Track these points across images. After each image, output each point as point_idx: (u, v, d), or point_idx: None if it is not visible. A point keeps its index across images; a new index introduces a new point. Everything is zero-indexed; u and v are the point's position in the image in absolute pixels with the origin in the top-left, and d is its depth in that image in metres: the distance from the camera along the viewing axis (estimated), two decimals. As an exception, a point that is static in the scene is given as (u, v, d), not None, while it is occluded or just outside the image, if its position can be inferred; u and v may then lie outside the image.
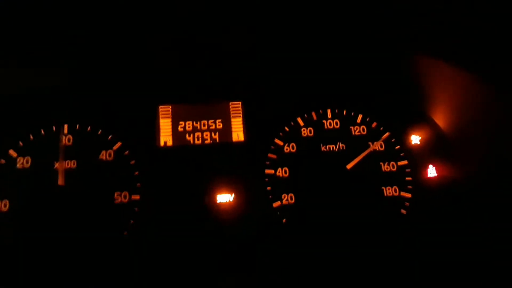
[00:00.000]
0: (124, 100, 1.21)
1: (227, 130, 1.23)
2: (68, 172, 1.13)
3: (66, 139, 1.17)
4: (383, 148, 1.23)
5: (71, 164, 1.14)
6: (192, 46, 1.17)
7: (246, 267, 1.10)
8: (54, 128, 1.18)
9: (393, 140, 1.25)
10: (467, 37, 1.06)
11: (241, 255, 1.11)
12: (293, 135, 1.23)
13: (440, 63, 1.12)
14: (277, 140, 1.22)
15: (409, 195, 1.19)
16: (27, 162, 1.14)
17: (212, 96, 1.26)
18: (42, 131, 1.17)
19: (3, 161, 1.14)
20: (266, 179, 1.18)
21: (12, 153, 1.15)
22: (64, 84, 1.19)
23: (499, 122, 1.03)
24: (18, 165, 1.14)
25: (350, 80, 1.27)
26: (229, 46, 1.18)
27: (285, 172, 1.19)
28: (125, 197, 1.13)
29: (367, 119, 1.26)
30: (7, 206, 1.10)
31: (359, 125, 1.25)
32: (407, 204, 1.18)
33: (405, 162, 1.22)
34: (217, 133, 1.23)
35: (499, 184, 1.09)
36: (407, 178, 1.21)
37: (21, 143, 1.16)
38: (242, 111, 1.25)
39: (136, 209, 1.12)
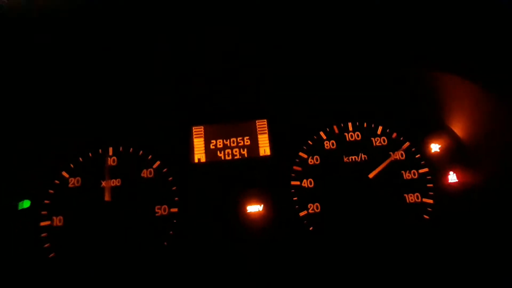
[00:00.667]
0: (161, 123, 1.35)
1: (254, 146, 1.34)
2: (113, 189, 1.26)
3: (111, 160, 1.31)
4: (404, 157, 1.30)
5: (116, 182, 1.28)
6: (218, 73, 1.30)
7: (274, 273, 1.18)
8: (100, 150, 1.32)
9: (413, 149, 1.32)
10: (481, 53, 1.14)
11: (271, 261, 1.19)
12: (317, 148, 1.32)
13: (455, 78, 1.19)
14: (301, 154, 1.32)
15: (431, 201, 1.25)
16: (77, 182, 1.28)
17: (240, 115, 1.37)
18: (90, 154, 1.32)
19: (57, 181, 1.28)
20: (293, 190, 1.27)
21: (65, 174, 1.29)
22: (108, 110, 1.34)
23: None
24: (70, 185, 1.28)
25: (370, 94, 1.36)
26: (252, 71, 1.30)
27: (310, 183, 1.28)
28: (164, 210, 1.25)
29: (387, 130, 1.34)
30: (62, 221, 1.24)
31: (380, 136, 1.33)
32: (430, 209, 1.24)
33: (426, 169, 1.29)
34: (245, 149, 1.34)
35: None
36: (429, 185, 1.27)
37: (71, 165, 1.31)
38: (267, 128, 1.36)
39: (174, 221, 1.24)
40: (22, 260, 1.20)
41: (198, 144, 1.34)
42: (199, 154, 1.33)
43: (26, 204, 1.25)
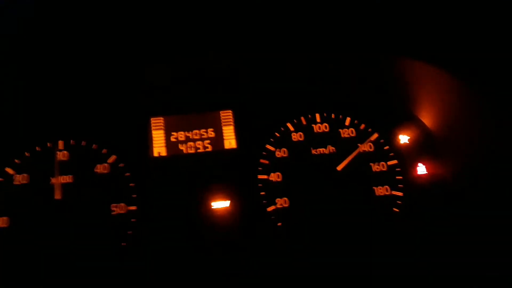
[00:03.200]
0: (116, 114, 1.28)
1: (219, 138, 1.30)
2: (64, 187, 1.19)
3: (61, 155, 1.23)
4: (372, 149, 1.31)
5: (68, 178, 1.21)
6: (181, 61, 1.25)
7: (242, 270, 1.16)
8: (49, 144, 1.24)
9: (381, 140, 1.32)
10: (449, 38, 1.15)
11: (238, 260, 1.17)
12: (284, 140, 1.30)
13: (423, 65, 1.20)
14: (268, 146, 1.29)
15: (400, 194, 1.26)
16: (24, 178, 1.20)
17: (203, 106, 1.33)
18: (38, 148, 1.24)
19: (0, 179, 1.20)
20: (260, 184, 1.25)
21: (9, 170, 1.21)
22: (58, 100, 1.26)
23: (482, 121, 1.10)
24: (15, 182, 1.20)
25: (336, 84, 1.35)
26: (217, 59, 1.26)
27: (278, 176, 1.26)
28: (121, 208, 1.19)
29: (355, 121, 1.34)
30: (7, 222, 1.16)
31: (348, 127, 1.33)
32: (399, 202, 1.25)
33: (395, 161, 1.29)
34: (209, 142, 1.30)
35: (485, 181, 1.17)
36: (398, 177, 1.28)
37: (17, 161, 1.22)
38: (233, 119, 1.32)
39: (133, 220, 1.18)
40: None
41: (158, 137, 1.29)
42: (159, 148, 1.28)
43: (-36, 204, 1.16)
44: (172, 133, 1.30)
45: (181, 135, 1.30)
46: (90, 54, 1.16)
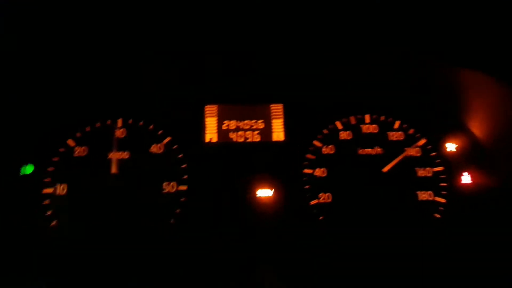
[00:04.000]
0: (174, 99, 1.35)
1: (268, 130, 1.35)
2: (121, 162, 1.27)
3: (120, 132, 1.31)
4: (419, 154, 1.33)
5: (124, 155, 1.28)
6: (238, 52, 1.31)
7: (280, 258, 1.20)
8: (109, 121, 1.32)
9: (429, 146, 1.34)
10: (505, 48, 1.16)
11: (277, 247, 1.21)
12: (332, 138, 1.34)
13: (478, 74, 1.21)
14: (315, 142, 1.33)
15: (443, 200, 1.27)
16: (83, 151, 1.29)
17: (256, 98, 1.38)
18: (98, 124, 1.32)
19: (62, 149, 1.29)
20: (305, 178, 1.29)
21: (71, 142, 1.30)
22: (120, 81, 1.35)
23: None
24: (75, 154, 1.28)
25: (389, 87, 1.38)
26: (273, 52, 1.32)
27: (323, 172, 1.30)
28: (172, 187, 1.26)
29: (404, 125, 1.36)
30: (65, 190, 1.24)
31: (396, 130, 1.35)
32: (441, 208, 1.27)
33: (441, 168, 1.31)
34: (258, 133, 1.35)
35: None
36: (442, 184, 1.29)
37: (78, 134, 1.31)
38: (283, 113, 1.37)
39: (182, 199, 1.25)
40: (23, 225, 1.20)
41: (211, 124, 1.35)
42: (211, 134, 1.34)
43: (29, 169, 1.25)
44: (224, 121, 1.36)
45: (232, 124, 1.35)
46: (155, 41, 1.24)
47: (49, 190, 1.24)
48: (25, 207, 1.22)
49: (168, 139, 1.31)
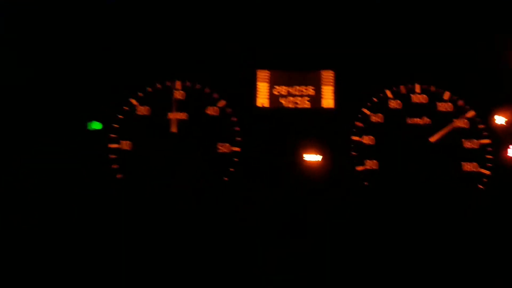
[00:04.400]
0: (228, 63, 1.41)
1: (318, 96, 1.40)
2: (179, 122, 1.36)
3: (178, 94, 1.39)
4: (467, 126, 1.35)
5: (182, 115, 1.37)
6: (288, 19, 1.35)
7: (325, 221, 1.28)
8: (168, 83, 1.41)
9: (478, 119, 1.35)
10: None
11: (323, 210, 1.29)
12: (381, 106, 1.37)
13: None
14: (365, 110, 1.38)
15: (488, 172, 1.31)
16: (145, 110, 1.38)
17: (307, 64, 1.42)
18: (158, 85, 1.41)
19: (126, 108, 1.39)
20: (352, 145, 1.35)
21: (133, 101, 1.39)
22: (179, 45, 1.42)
23: None
24: (138, 112, 1.38)
25: (440, 57, 1.38)
26: (324, 20, 1.35)
27: (371, 140, 1.35)
28: (226, 148, 1.34)
29: (454, 97, 1.38)
30: (130, 145, 1.35)
31: (446, 101, 1.37)
32: (485, 180, 1.30)
33: (488, 141, 1.33)
34: (308, 99, 1.40)
35: None
36: (488, 157, 1.32)
37: (140, 94, 1.40)
38: (333, 80, 1.41)
39: (235, 159, 1.34)
40: (90, 177, 1.33)
41: (262, 89, 1.41)
42: (262, 99, 1.40)
43: (96, 125, 1.37)
44: (275, 86, 1.41)
45: (283, 90, 1.41)
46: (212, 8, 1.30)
47: (115, 145, 1.35)
48: (93, 160, 1.34)
49: (223, 102, 1.38)
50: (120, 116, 1.37)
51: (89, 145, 1.35)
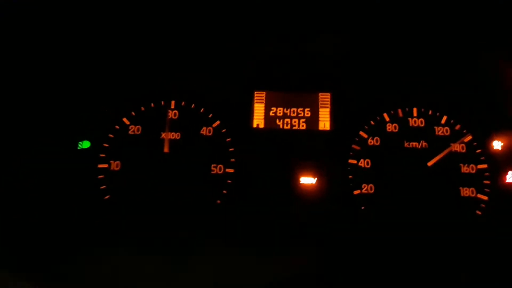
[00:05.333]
0: (224, 83, 1.40)
1: (314, 118, 1.39)
2: (172, 142, 1.33)
3: (172, 113, 1.37)
4: (464, 150, 1.34)
5: (176, 135, 1.34)
6: (287, 40, 1.34)
7: (320, 245, 1.25)
8: (162, 102, 1.38)
9: (475, 143, 1.35)
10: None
11: (318, 233, 1.26)
12: (378, 130, 1.36)
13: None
14: (362, 133, 1.36)
15: (485, 198, 1.29)
16: (138, 130, 1.35)
17: (304, 86, 1.41)
18: (152, 104, 1.38)
19: (117, 127, 1.36)
20: (349, 168, 1.33)
21: (126, 121, 1.36)
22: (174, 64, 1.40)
23: None
24: (129, 132, 1.35)
25: (438, 81, 1.39)
26: (323, 43, 1.34)
27: (368, 163, 1.33)
28: (220, 169, 1.31)
29: (451, 121, 1.37)
30: (119, 166, 1.32)
31: (443, 126, 1.36)
32: (483, 206, 1.29)
33: (485, 166, 1.32)
34: (305, 121, 1.38)
35: None
36: (485, 182, 1.31)
37: (133, 113, 1.37)
38: (330, 102, 1.40)
39: (229, 181, 1.31)
40: (78, 198, 1.28)
41: (258, 110, 1.39)
42: (258, 120, 1.39)
43: (85, 144, 1.33)
44: (272, 107, 1.40)
45: (279, 111, 1.39)
46: (209, 26, 1.29)
47: (104, 166, 1.31)
48: (81, 180, 1.30)
49: (217, 123, 1.36)
50: (111, 135, 1.34)
51: (77, 165, 1.31)
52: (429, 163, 1.30)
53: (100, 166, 1.32)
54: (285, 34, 1.34)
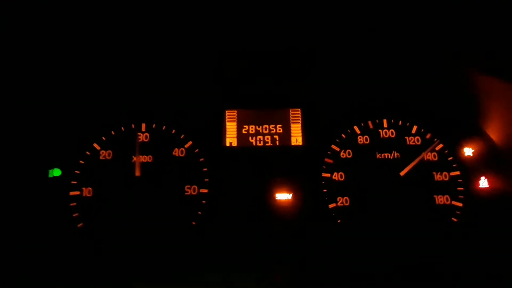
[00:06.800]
0: (195, 103, 1.41)
1: (286, 134, 1.40)
2: (144, 165, 1.32)
3: (143, 136, 1.37)
4: (436, 159, 1.36)
5: (148, 158, 1.34)
6: (254, 58, 1.36)
7: (298, 261, 1.24)
8: (133, 126, 1.38)
9: (446, 151, 1.37)
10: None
11: (296, 249, 1.25)
12: (350, 142, 1.38)
13: (494, 80, 1.25)
14: (334, 146, 1.38)
15: (460, 204, 1.30)
16: (109, 155, 1.35)
17: (275, 103, 1.43)
18: (122, 128, 1.38)
19: (88, 153, 1.35)
20: (323, 182, 1.33)
21: (96, 146, 1.36)
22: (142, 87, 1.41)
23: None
24: (101, 157, 1.34)
25: (406, 92, 1.41)
26: (289, 57, 1.36)
27: (341, 176, 1.34)
28: (194, 190, 1.31)
29: (422, 130, 1.39)
30: (91, 192, 1.30)
31: (414, 135, 1.39)
32: (458, 212, 1.30)
33: (458, 172, 1.34)
34: (277, 137, 1.39)
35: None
36: (459, 188, 1.32)
37: (103, 138, 1.37)
38: (301, 117, 1.41)
39: (204, 202, 1.30)
40: (50, 227, 1.26)
41: (231, 128, 1.40)
42: (231, 138, 1.39)
43: (56, 172, 1.32)
44: (244, 125, 1.41)
45: (252, 128, 1.40)
46: (177, 45, 1.30)
47: (75, 193, 1.30)
48: (52, 208, 1.28)
49: (189, 143, 1.36)
50: (82, 162, 1.33)
51: (49, 193, 1.29)
52: (402, 173, 1.31)
53: (72, 193, 1.30)
54: (252, 51, 1.36)
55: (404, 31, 1.27)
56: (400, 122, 1.40)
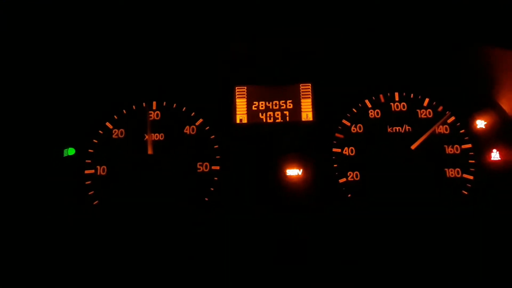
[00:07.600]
0: (205, 81, 1.41)
1: (297, 110, 1.40)
2: (156, 143, 1.35)
3: (154, 114, 1.38)
4: (448, 131, 1.35)
5: (159, 136, 1.36)
6: (266, 33, 1.35)
7: (309, 236, 1.27)
8: (144, 104, 1.39)
9: (458, 124, 1.36)
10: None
11: (307, 224, 1.28)
12: (361, 117, 1.37)
13: (508, 53, 1.22)
14: (344, 121, 1.38)
15: (471, 177, 1.31)
16: (121, 133, 1.37)
17: (284, 78, 1.42)
18: (134, 107, 1.39)
19: (101, 132, 1.37)
20: (333, 157, 1.34)
21: (109, 125, 1.38)
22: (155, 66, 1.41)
23: None
24: (113, 136, 1.37)
25: (418, 64, 1.39)
26: (300, 33, 1.35)
27: (352, 151, 1.34)
28: (206, 167, 1.33)
29: (434, 103, 1.38)
30: (105, 171, 1.33)
31: (426, 108, 1.38)
32: (469, 185, 1.30)
33: (469, 145, 1.34)
34: (287, 113, 1.40)
35: None
36: (470, 161, 1.32)
37: (115, 117, 1.39)
38: (311, 92, 1.41)
39: (216, 178, 1.32)
40: (66, 205, 1.30)
41: (240, 105, 1.41)
42: (241, 115, 1.40)
43: (71, 151, 1.35)
44: (254, 102, 1.41)
45: (261, 105, 1.40)
46: (186, 25, 1.29)
47: (90, 171, 1.33)
48: (68, 187, 1.32)
49: (200, 120, 1.37)
50: (95, 141, 1.35)
51: (64, 173, 1.33)
52: (413, 146, 1.32)
53: (87, 172, 1.33)
54: (262, 29, 1.34)
55: (418, 7, 1.24)
56: (412, 95, 1.39)
